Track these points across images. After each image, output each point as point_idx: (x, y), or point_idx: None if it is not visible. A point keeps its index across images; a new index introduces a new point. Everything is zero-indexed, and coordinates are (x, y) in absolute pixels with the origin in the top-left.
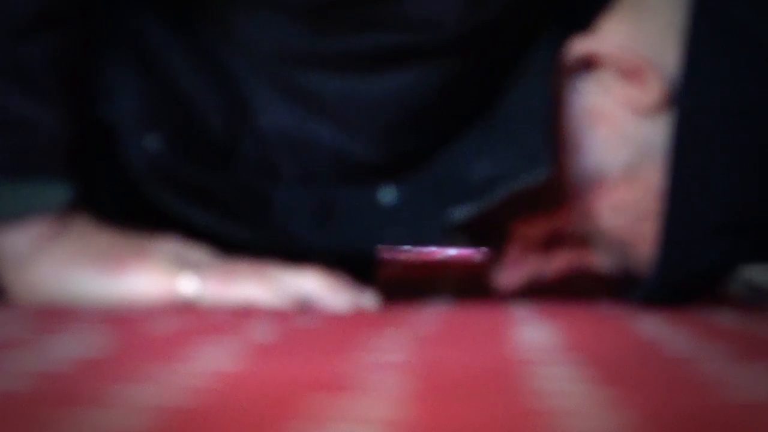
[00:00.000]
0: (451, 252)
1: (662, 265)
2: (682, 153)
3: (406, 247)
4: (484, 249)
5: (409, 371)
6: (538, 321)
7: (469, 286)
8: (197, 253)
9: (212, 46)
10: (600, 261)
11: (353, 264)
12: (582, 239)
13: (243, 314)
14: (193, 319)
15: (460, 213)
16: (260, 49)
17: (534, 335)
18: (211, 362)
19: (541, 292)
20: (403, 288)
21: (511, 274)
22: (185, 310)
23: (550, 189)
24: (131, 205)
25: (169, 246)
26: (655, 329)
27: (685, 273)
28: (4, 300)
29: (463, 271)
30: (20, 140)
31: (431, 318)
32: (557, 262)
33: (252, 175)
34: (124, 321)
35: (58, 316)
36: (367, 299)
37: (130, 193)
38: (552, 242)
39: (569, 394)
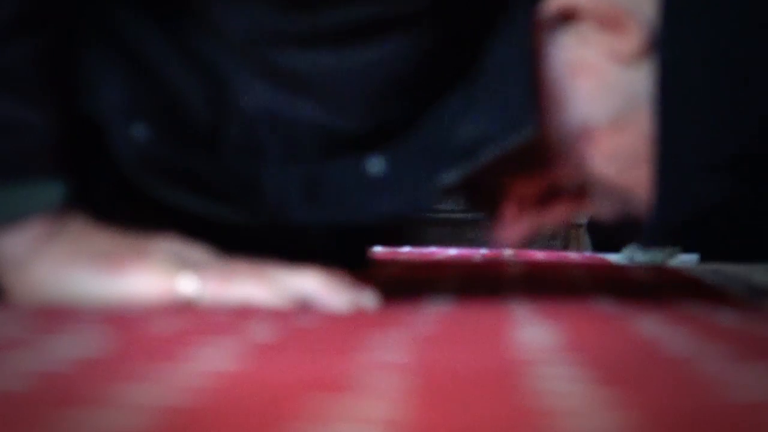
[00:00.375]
0: (451, 252)
1: (660, 208)
2: (667, 95)
3: (405, 249)
4: (479, 210)
5: (409, 371)
6: (538, 321)
7: (469, 286)
8: (197, 253)
9: (189, 33)
10: (599, 209)
11: (347, 241)
12: (579, 190)
13: (243, 314)
14: (193, 319)
15: (449, 177)
16: (235, 32)
17: (534, 335)
18: (211, 362)
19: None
20: (403, 288)
21: (510, 231)
22: (185, 310)
23: (539, 145)
24: (126, 201)
25: (169, 246)
26: (655, 329)
27: (684, 213)
28: (4, 300)
29: (463, 271)
30: (9, 143)
31: (431, 318)
32: (555, 214)
33: (239, 158)
34: (124, 321)
35: (58, 316)
36: (367, 299)
37: (124, 189)
38: (548, 196)
39: (569, 394)
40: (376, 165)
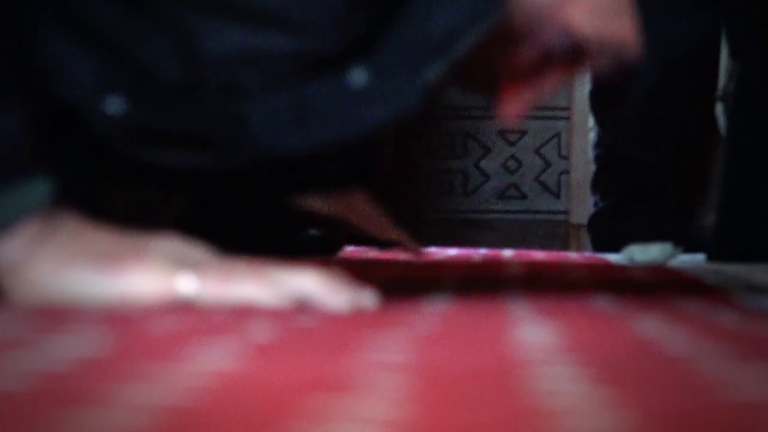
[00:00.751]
0: (451, 252)
1: (649, 48)
2: None
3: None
4: (477, 94)
5: (409, 371)
6: (538, 321)
7: (469, 286)
8: (196, 251)
9: None
10: (595, 65)
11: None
12: (571, 51)
13: (243, 314)
14: (193, 319)
15: (431, 73)
16: None
17: (534, 335)
18: (211, 362)
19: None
20: (403, 288)
21: (511, 105)
22: (185, 310)
23: (519, 18)
24: (118, 191)
25: (168, 244)
26: (655, 329)
27: (673, 46)
28: (4, 301)
29: (463, 271)
30: None
31: (431, 318)
32: (552, 78)
33: (221, 102)
34: (124, 321)
35: (58, 316)
36: (367, 299)
37: (114, 176)
38: (542, 64)
39: (569, 394)
40: (358, 76)
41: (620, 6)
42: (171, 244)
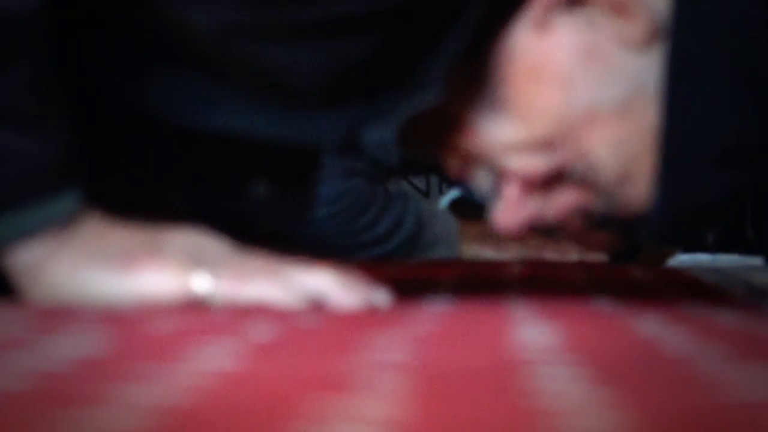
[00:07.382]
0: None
1: (663, 200)
2: (676, 84)
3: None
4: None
5: (409, 371)
6: (538, 321)
7: (469, 286)
8: (212, 246)
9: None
10: (597, 203)
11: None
12: (581, 179)
13: (243, 314)
14: (193, 319)
15: (373, 136)
16: (203, 29)
17: (534, 335)
18: (211, 362)
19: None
20: (403, 288)
21: (511, 214)
22: (185, 310)
23: (544, 127)
24: (139, 187)
25: (184, 240)
26: (655, 329)
27: (688, 206)
28: (19, 299)
29: (463, 271)
30: (12, 171)
31: (431, 318)
32: (558, 203)
33: None
34: (124, 321)
35: (58, 316)
36: (380, 297)
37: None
38: (552, 182)
39: (569, 394)
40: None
41: (644, 150)
42: (188, 240)
